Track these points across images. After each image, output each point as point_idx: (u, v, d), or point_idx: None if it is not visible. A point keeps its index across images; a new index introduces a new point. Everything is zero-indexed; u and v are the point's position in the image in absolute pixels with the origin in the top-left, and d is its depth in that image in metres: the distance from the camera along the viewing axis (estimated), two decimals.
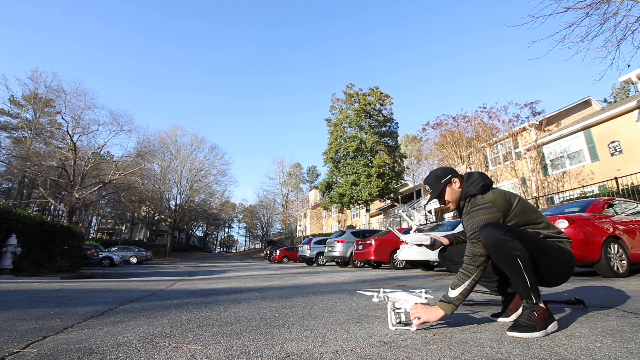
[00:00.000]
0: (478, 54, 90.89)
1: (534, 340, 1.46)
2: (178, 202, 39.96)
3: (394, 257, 9.53)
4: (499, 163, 17.60)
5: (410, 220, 2.22)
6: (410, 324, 1.76)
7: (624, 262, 4.66)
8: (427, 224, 19.05)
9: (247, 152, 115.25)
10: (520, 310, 1.80)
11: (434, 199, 1.94)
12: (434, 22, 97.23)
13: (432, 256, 7.30)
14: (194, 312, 2.50)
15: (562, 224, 4.65)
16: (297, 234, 52.36)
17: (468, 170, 2.10)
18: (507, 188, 16.04)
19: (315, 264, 15.26)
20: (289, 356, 1.33)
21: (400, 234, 2.38)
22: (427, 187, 1.98)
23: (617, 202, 5.58)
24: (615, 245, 4.68)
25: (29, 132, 29.88)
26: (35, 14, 69.79)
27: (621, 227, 4.89)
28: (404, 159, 29.50)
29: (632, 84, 14.15)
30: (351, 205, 28.09)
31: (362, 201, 26.43)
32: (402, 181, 31.03)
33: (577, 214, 5.01)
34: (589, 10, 7.23)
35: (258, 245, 69.71)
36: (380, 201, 30.84)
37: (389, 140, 28.29)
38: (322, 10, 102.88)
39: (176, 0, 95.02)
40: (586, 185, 11.74)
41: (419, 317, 1.69)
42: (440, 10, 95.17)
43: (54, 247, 8.67)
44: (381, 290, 1.90)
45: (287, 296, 3.45)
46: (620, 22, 7.37)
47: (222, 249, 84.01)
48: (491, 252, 1.63)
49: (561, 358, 1.22)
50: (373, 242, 9.69)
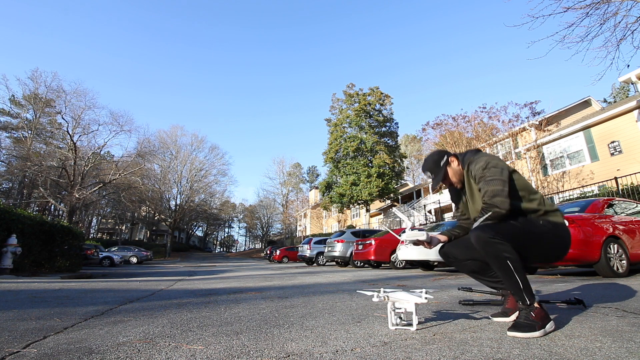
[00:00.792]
0: (478, 54, 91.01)
1: (534, 340, 1.46)
2: (178, 202, 39.99)
3: (394, 257, 9.53)
4: None
5: (405, 217, 2.21)
6: (411, 324, 1.76)
7: (624, 262, 4.66)
8: (427, 224, 19.04)
9: (247, 152, 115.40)
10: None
11: (439, 182, 1.95)
12: (434, 22, 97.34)
13: (432, 256, 7.29)
14: (194, 312, 2.50)
15: None
16: (297, 234, 52.37)
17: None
18: None
19: (315, 264, 15.26)
20: (289, 356, 1.33)
21: (397, 235, 2.38)
22: (428, 174, 1.99)
23: (616, 202, 5.58)
24: (615, 245, 4.68)
25: (29, 132, 29.86)
26: (35, 14, 69.91)
27: (621, 227, 4.89)
28: (404, 159, 29.53)
29: (632, 84, 14.16)
30: (351, 205, 28.11)
31: (362, 201, 26.44)
32: (402, 181, 31.05)
33: (577, 214, 5.01)
34: (588, 11, 7.23)
35: (258, 245, 69.73)
36: (380, 201, 30.85)
37: (389, 140, 28.30)
38: (322, 10, 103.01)
39: (176, 0, 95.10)
40: (586, 185, 11.75)
41: None
42: (440, 10, 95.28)
43: (54, 247, 8.67)
44: (381, 290, 1.90)
45: (287, 296, 3.45)
46: (620, 22, 7.38)
47: (222, 249, 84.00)
48: (482, 253, 1.66)
49: (561, 358, 1.22)
50: (373, 242, 9.69)
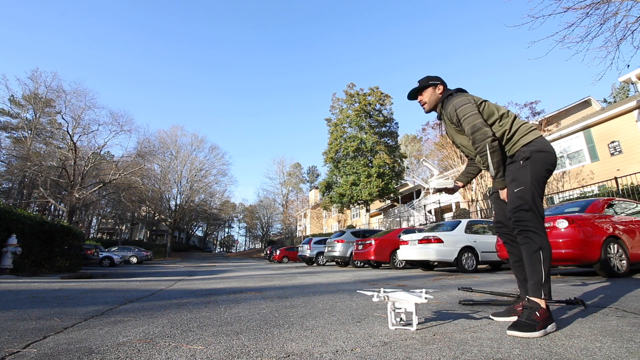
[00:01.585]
0: (478, 54, 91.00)
1: (534, 340, 1.46)
2: (178, 202, 39.97)
3: (394, 257, 9.53)
4: None
5: (433, 167, 2.48)
6: (411, 324, 1.76)
7: (624, 261, 4.66)
8: (426, 223, 19.04)
9: (247, 152, 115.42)
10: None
11: (419, 91, 2.13)
12: (434, 22, 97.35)
13: (432, 256, 7.30)
14: (194, 312, 2.50)
15: (562, 224, 4.66)
16: (297, 234, 52.36)
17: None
18: None
19: (315, 264, 15.25)
20: (289, 356, 1.33)
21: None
22: (417, 83, 2.17)
23: (616, 202, 5.58)
24: (615, 245, 4.69)
25: (29, 132, 29.83)
26: (35, 14, 69.89)
27: (621, 227, 4.89)
28: (404, 159, 29.51)
29: (632, 84, 14.17)
30: (351, 205, 28.10)
31: (362, 201, 26.43)
32: (402, 181, 31.02)
33: (577, 214, 5.01)
34: (588, 11, 7.23)
35: (258, 245, 69.70)
36: (380, 201, 30.85)
37: (389, 140, 28.29)
38: (322, 10, 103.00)
39: (176, 0, 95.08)
40: (586, 185, 11.75)
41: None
42: (440, 11, 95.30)
43: (54, 247, 8.67)
44: (381, 290, 1.90)
45: (287, 296, 3.45)
46: (620, 22, 7.37)
47: (222, 249, 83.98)
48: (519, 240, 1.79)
49: (561, 358, 1.22)
50: (373, 242, 9.69)
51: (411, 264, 9.40)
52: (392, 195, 27.62)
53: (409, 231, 10.02)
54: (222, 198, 53.19)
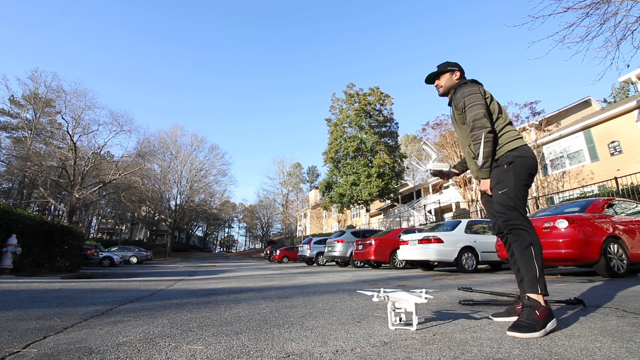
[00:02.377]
0: (478, 54, 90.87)
1: (534, 340, 1.46)
2: (178, 202, 39.95)
3: (394, 257, 9.53)
4: None
5: (432, 151, 2.54)
6: (411, 324, 1.76)
7: (624, 261, 4.66)
8: (426, 223, 19.05)
9: (247, 152, 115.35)
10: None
11: (437, 75, 2.19)
12: (434, 22, 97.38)
13: (432, 256, 7.30)
14: (194, 312, 2.50)
15: (562, 224, 4.65)
16: (297, 234, 52.35)
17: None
18: None
19: (315, 264, 15.25)
20: (289, 356, 1.33)
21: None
22: (436, 68, 2.22)
23: (616, 202, 5.58)
24: (615, 245, 4.68)
25: (29, 132, 29.82)
26: (35, 14, 69.87)
27: (621, 227, 4.89)
28: (404, 159, 29.50)
29: (632, 84, 14.17)
30: (351, 205, 28.09)
31: (362, 201, 26.43)
32: (402, 181, 31.04)
33: (577, 214, 5.01)
34: (588, 11, 7.23)
35: (258, 245, 69.68)
36: (380, 201, 30.84)
37: (389, 140, 28.29)
38: (322, 10, 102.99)
39: (176, 0, 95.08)
40: (586, 185, 11.75)
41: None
42: (440, 11, 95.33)
43: (54, 247, 8.67)
44: (381, 290, 1.91)
45: (287, 296, 3.45)
46: (620, 22, 7.37)
47: (222, 249, 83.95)
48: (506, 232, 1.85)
49: (561, 358, 1.22)
50: (373, 242, 9.69)
51: (411, 264, 9.39)
52: (392, 195, 27.62)
53: (409, 231, 10.02)
54: (222, 198, 53.19)
